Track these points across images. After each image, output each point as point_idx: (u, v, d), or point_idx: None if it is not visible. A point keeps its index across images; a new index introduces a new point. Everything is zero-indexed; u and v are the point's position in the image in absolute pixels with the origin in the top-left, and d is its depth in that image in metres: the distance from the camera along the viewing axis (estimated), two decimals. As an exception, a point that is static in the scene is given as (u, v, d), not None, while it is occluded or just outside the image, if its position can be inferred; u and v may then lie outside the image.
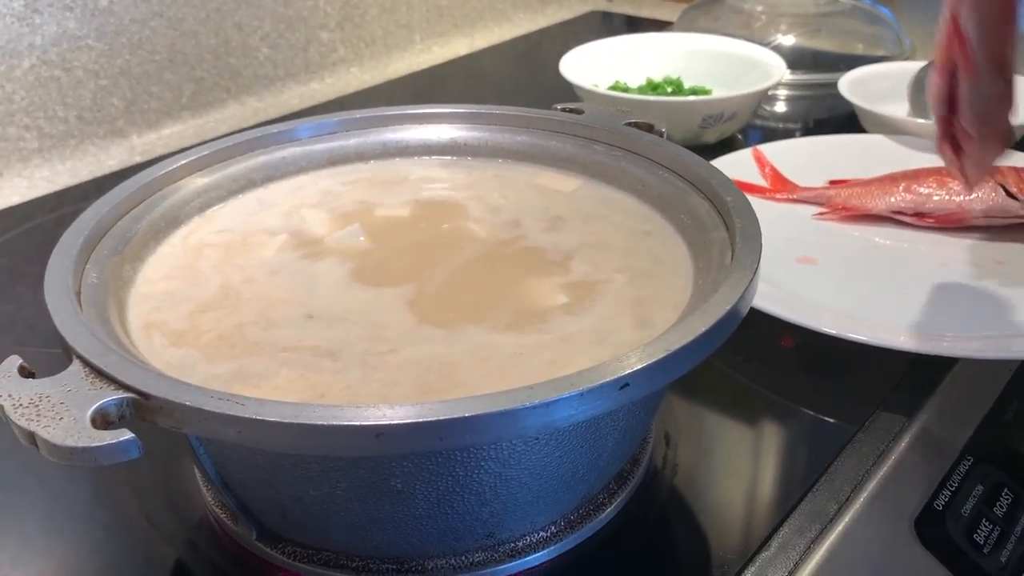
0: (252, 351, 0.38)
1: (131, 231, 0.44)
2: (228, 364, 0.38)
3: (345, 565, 0.39)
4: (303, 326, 0.40)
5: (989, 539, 0.44)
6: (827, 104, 0.92)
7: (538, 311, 0.41)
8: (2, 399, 0.31)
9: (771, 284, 0.55)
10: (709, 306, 0.35)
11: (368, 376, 0.37)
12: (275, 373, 0.37)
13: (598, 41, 0.92)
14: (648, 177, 0.49)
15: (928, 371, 0.51)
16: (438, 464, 0.33)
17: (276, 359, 0.38)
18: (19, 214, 0.75)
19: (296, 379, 0.37)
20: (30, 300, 0.61)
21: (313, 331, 0.40)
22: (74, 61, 0.81)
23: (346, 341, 0.39)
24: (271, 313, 0.41)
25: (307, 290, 0.43)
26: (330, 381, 0.36)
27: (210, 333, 0.40)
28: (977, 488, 0.46)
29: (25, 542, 0.43)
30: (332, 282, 0.43)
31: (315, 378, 0.37)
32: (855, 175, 0.69)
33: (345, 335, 0.39)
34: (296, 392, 0.36)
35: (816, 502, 0.43)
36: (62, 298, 0.36)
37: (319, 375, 0.37)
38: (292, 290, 0.43)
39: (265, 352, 0.38)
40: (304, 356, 0.38)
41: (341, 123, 0.53)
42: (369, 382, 0.36)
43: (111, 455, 0.29)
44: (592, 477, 0.40)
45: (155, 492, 0.45)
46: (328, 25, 1.01)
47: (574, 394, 0.30)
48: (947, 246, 0.63)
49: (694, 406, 0.51)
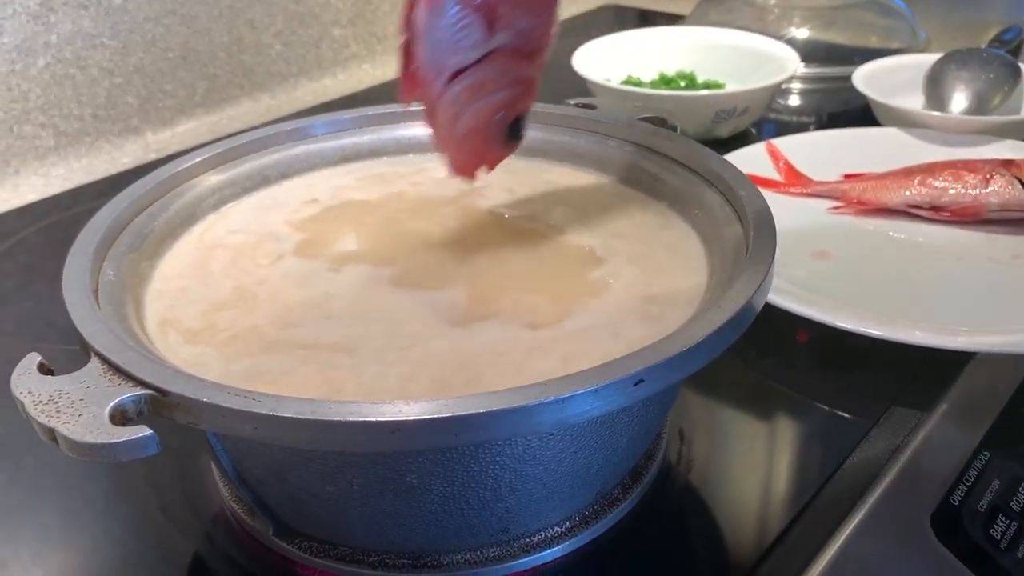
0: (268, 349, 0.39)
1: (148, 228, 0.45)
2: (244, 362, 0.38)
3: (361, 560, 0.39)
4: (320, 324, 0.40)
5: (1006, 534, 0.44)
6: (841, 97, 0.92)
7: (553, 305, 0.41)
8: (22, 396, 0.31)
9: (785, 279, 0.55)
10: (724, 301, 0.35)
11: (385, 372, 0.37)
12: (292, 369, 0.37)
13: (611, 35, 0.91)
14: (661, 172, 0.48)
15: (944, 366, 0.51)
16: (453, 460, 0.33)
17: (293, 356, 0.38)
18: (36, 212, 0.75)
19: (313, 375, 0.37)
20: (47, 297, 0.62)
21: (331, 329, 0.40)
22: (89, 59, 0.82)
23: (365, 337, 0.39)
24: (287, 314, 0.41)
25: (323, 289, 0.43)
26: (346, 377, 0.37)
27: (226, 332, 0.40)
28: (994, 483, 0.46)
29: (45, 537, 0.43)
30: (349, 280, 0.44)
31: (332, 374, 0.37)
32: (870, 169, 0.69)
33: (364, 331, 0.39)
34: (313, 388, 0.36)
35: (831, 497, 0.43)
36: (80, 295, 0.37)
37: (336, 371, 0.37)
38: (308, 288, 0.43)
39: (282, 350, 0.39)
40: (321, 353, 0.38)
41: (355, 120, 0.54)
42: (386, 377, 0.36)
43: (130, 451, 0.29)
44: (607, 473, 0.40)
45: (173, 488, 0.45)
46: (340, 21, 1.01)
47: (588, 390, 0.30)
48: (963, 240, 0.63)
49: (709, 401, 0.51)
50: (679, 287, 0.41)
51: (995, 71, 0.79)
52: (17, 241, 0.71)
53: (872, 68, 0.84)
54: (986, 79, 0.79)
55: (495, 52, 0.38)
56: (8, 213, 0.75)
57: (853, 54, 0.95)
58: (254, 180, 0.51)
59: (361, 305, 0.41)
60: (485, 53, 0.38)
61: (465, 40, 0.37)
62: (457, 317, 0.40)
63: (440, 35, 0.36)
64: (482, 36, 0.37)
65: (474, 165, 0.42)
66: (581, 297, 0.41)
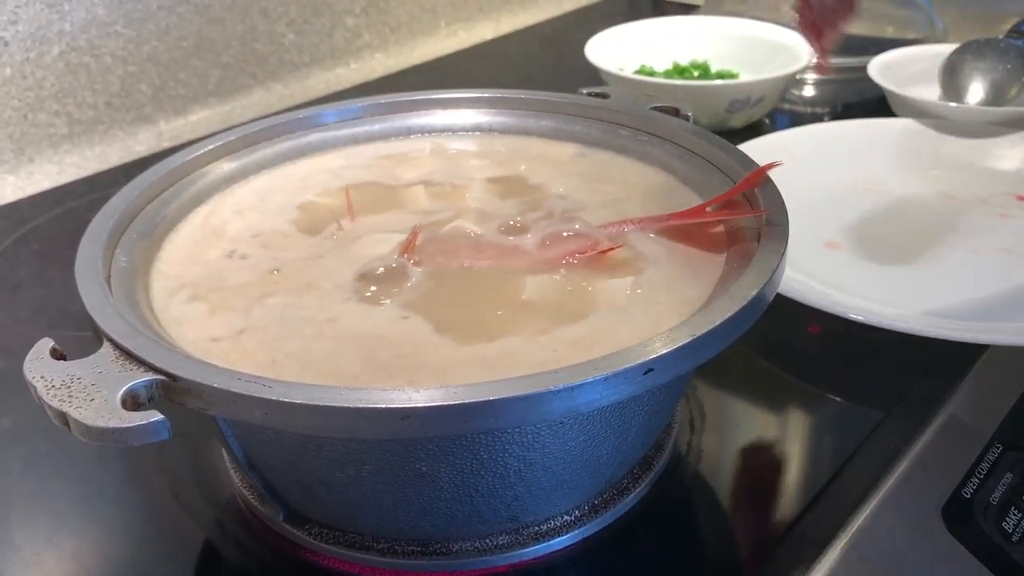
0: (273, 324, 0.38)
1: (159, 215, 0.45)
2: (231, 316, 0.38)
3: (371, 547, 0.40)
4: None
5: (1018, 528, 0.44)
6: (856, 88, 0.91)
7: (579, 300, 0.40)
8: (35, 380, 0.31)
9: (797, 270, 0.55)
10: (735, 290, 0.34)
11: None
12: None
13: (624, 25, 0.91)
14: (674, 162, 0.48)
15: (957, 358, 0.51)
16: (463, 447, 0.33)
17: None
18: (50, 199, 0.76)
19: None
20: (61, 284, 0.62)
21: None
22: (103, 48, 0.82)
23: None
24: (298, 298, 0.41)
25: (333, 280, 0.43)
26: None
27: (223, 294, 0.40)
28: (1006, 476, 0.46)
29: (58, 523, 0.44)
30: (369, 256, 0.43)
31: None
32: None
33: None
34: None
35: (842, 489, 0.43)
36: (92, 282, 0.37)
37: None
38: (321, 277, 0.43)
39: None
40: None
41: (366, 108, 0.54)
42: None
43: (141, 436, 0.30)
44: (616, 462, 0.40)
45: (184, 474, 0.46)
46: (353, 11, 1.01)
47: (598, 379, 0.30)
48: (977, 232, 0.63)
49: (719, 392, 0.50)
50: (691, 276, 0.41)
51: (1012, 62, 0.78)
52: (31, 228, 0.71)
53: (888, 58, 0.83)
54: (1003, 70, 0.78)
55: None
56: (21, 200, 0.76)
57: (869, 44, 0.94)
58: (266, 168, 0.51)
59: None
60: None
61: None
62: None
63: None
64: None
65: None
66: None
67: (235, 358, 0.36)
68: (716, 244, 0.42)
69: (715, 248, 0.42)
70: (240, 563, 0.41)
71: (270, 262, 0.43)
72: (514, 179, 0.50)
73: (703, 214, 0.43)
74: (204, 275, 0.42)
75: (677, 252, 0.42)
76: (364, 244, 0.44)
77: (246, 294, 0.41)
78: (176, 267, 0.43)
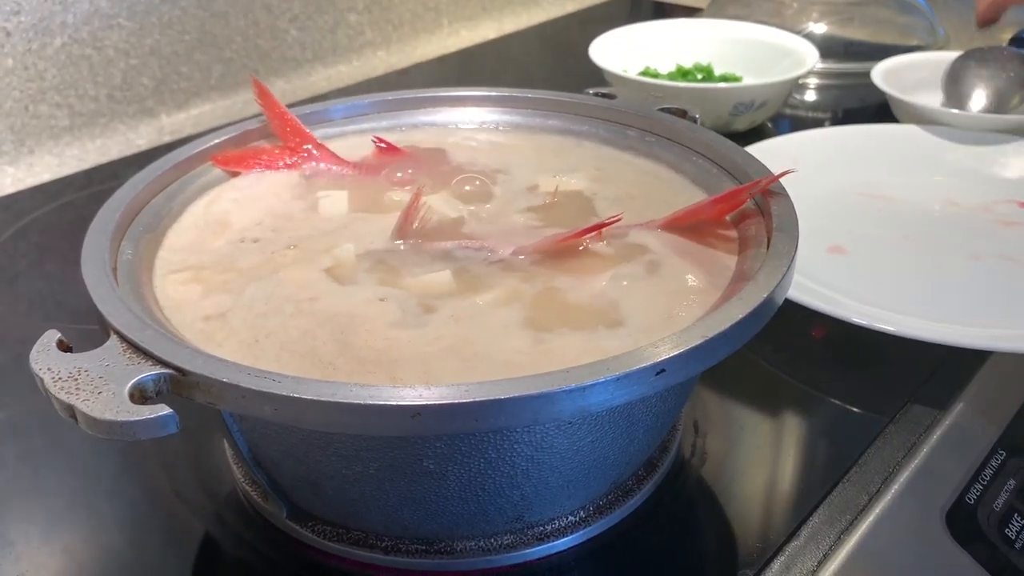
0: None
1: (165, 208, 0.45)
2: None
3: (375, 544, 0.39)
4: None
5: (1021, 534, 0.44)
6: (858, 94, 0.91)
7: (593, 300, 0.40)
8: (42, 372, 0.31)
9: (801, 274, 0.55)
10: (745, 294, 0.34)
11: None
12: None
13: (628, 26, 0.91)
14: (682, 163, 0.48)
15: (961, 364, 0.51)
16: (471, 445, 0.33)
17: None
18: (49, 191, 0.75)
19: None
20: (60, 277, 0.62)
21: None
22: (105, 40, 0.82)
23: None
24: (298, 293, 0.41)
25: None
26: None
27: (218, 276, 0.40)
28: (1009, 482, 0.46)
29: (54, 517, 0.43)
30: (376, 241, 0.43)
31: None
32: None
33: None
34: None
35: (846, 493, 0.43)
36: (99, 274, 0.36)
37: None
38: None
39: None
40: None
41: (374, 104, 0.53)
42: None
43: (149, 430, 0.29)
44: (622, 463, 0.40)
45: (184, 468, 0.45)
46: (356, 8, 1.01)
47: (610, 379, 0.30)
48: (979, 238, 0.63)
49: (724, 396, 0.50)
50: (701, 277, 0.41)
51: (1015, 69, 0.78)
52: (30, 221, 0.71)
53: (891, 64, 0.84)
54: (1006, 77, 0.78)
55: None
56: (22, 192, 0.75)
57: (871, 50, 0.94)
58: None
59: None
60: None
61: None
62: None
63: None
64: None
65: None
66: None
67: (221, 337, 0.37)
68: (727, 247, 0.42)
69: (726, 250, 0.41)
70: (240, 559, 0.41)
71: (275, 244, 0.43)
72: (516, 177, 0.50)
73: (712, 209, 0.43)
74: (209, 260, 0.42)
75: (688, 253, 0.42)
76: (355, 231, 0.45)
77: (244, 275, 0.41)
78: (180, 254, 0.43)
